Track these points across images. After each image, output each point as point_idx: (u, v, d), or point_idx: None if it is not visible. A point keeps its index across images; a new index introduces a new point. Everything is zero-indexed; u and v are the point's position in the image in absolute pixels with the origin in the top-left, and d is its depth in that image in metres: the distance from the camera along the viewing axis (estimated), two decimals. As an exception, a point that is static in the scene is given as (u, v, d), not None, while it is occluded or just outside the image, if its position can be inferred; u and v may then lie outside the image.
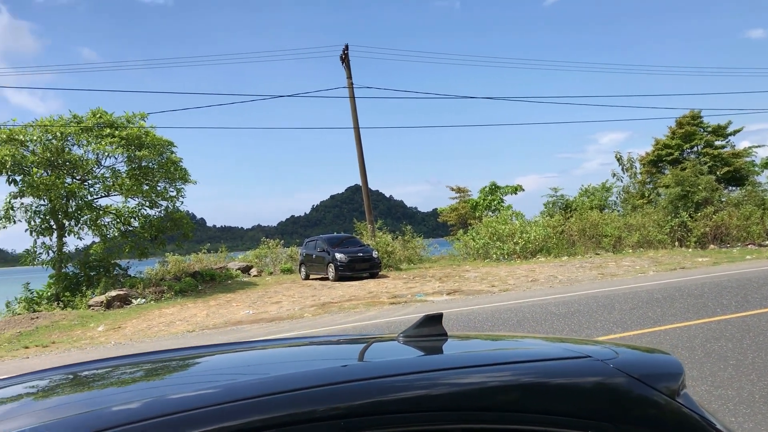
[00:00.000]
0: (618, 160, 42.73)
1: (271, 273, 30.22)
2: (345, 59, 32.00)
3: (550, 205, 40.24)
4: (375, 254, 25.21)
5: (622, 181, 42.16)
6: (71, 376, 2.37)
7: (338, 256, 24.24)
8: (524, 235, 31.33)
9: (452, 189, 52.13)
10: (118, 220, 25.34)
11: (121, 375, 2.36)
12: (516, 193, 47.45)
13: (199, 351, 2.67)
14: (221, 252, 32.29)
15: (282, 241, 34.49)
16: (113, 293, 21.25)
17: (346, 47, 32.02)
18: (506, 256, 30.67)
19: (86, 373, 2.43)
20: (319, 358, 2.48)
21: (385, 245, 28.82)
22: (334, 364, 2.19)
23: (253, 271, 29.38)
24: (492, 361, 2.05)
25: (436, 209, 53.64)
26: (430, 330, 2.37)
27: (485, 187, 47.90)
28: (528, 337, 2.89)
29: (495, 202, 46.10)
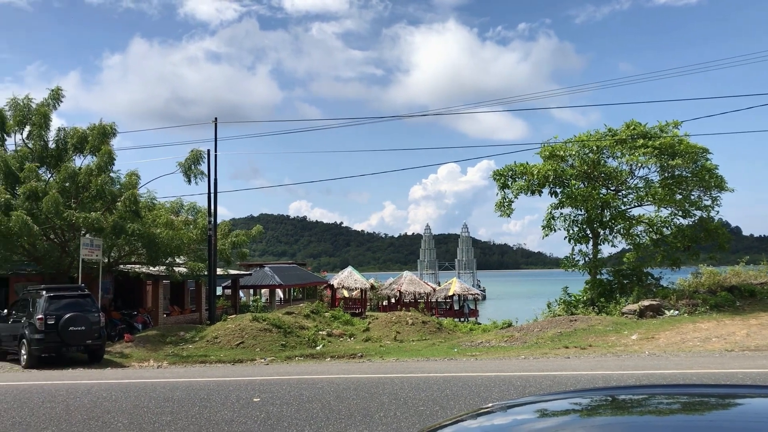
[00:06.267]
0: None
1: (827, 292, 26.01)
2: None
3: None
4: None
5: None
6: (609, 399, 2.53)
7: None
8: None
9: None
10: (650, 230, 25.40)
11: (658, 405, 2.41)
12: None
13: (744, 391, 2.53)
14: (762, 265, 29.24)
15: None
16: (645, 303, 21.39)
17: None
18: None
19: (623, 397, 2.57)
20: None
21: None
22: None
23: (803, 289, 25.75)
24: None
25: None
26: None
27: None
28: None
29: None
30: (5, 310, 20.51)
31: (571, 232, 25.41)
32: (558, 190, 25.20)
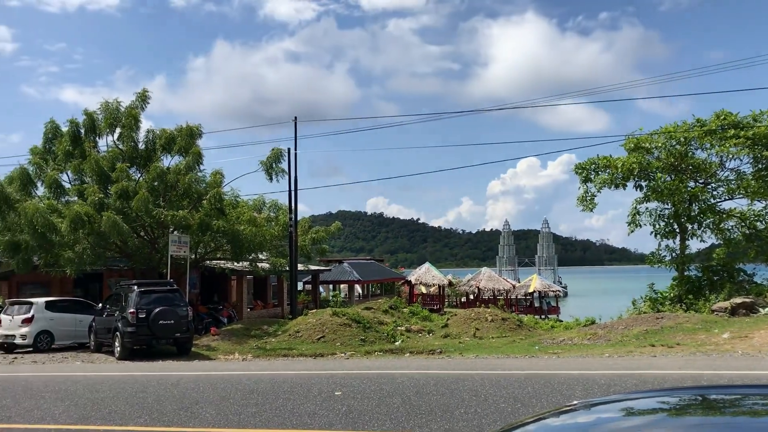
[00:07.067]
0: None
1: None
2: None
3: None
4: None
5: None
6: (700, 398, 2.44)
7: None
8: None
9: None
10: (743, 224, 24.28)
11: (753, 406, 2.30)
12: None
13: None
14: None
15: None
16: (738, 300, 20.44)
17: None
18: None
19: (715, 397, 2.47)
20: None
21: None
22: None
23: None
24: None
25: None
26: None
27: None
28: None
29: None
30: (100, 305, 21.58)
31: (657, 227, 24.62)
32: (643, 184, 24.45)
